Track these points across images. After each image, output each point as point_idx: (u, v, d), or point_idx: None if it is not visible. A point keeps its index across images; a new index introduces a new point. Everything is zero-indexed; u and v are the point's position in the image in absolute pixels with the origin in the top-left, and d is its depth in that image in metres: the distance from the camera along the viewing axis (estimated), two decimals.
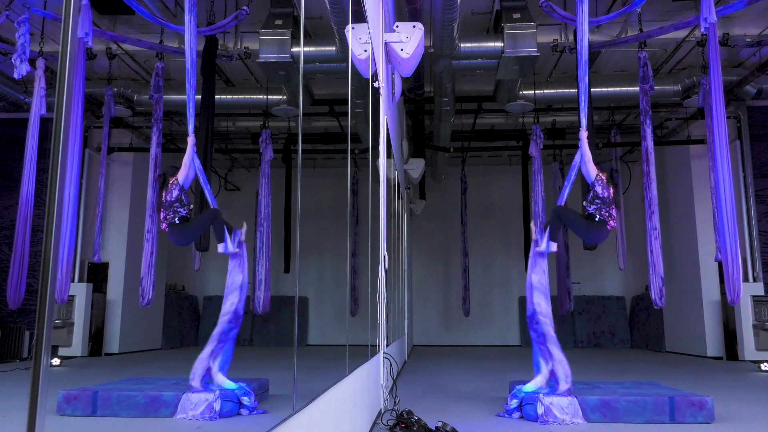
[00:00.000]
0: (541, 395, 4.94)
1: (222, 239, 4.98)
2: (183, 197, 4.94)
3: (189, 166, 5.04)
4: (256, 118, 11.39)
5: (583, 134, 5.54)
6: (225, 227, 5.01)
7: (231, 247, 4.97)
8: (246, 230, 5.13)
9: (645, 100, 8.30)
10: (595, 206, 5.34)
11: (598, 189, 5.31)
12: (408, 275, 13.10)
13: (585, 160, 5.46)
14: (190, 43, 5.52)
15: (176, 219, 4.89)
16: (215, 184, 13.81)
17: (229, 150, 12.77)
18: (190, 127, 5.21)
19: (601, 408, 4.77)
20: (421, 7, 6.58)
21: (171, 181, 4.94)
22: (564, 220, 5.50)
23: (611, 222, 5.30)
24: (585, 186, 5.72)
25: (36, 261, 6.75)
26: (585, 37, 5.68)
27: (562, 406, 4.83)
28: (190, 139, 5.15)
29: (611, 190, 5.32)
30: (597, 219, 5.29)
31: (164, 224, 4.96)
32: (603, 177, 5.34)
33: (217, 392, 4.37)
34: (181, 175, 4.99)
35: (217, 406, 4.24)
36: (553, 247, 5.44)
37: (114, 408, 4.06)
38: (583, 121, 5.59)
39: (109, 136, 9.08)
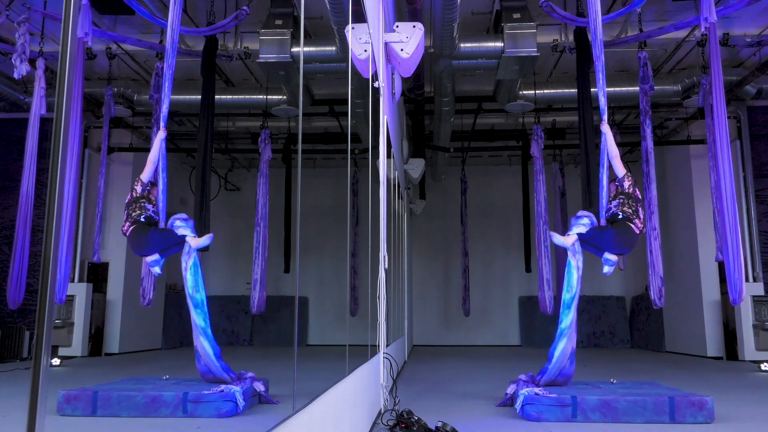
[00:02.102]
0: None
1: (163, 256, 4.65)
2: (151, 195, 4.66)
3: (154, 162, 4.68)
4: (255, 118, 11.40)
5: (606, 128, 5.32)
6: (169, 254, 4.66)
7: (157, 269, 4.66)
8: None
9: (645, 100, 8.30)
10: (618, 201, 5.12)
11: (626, 184, 5.21)
12: (408, 275, 13.09)
13: (612, 155, 5.31)
14: (173, 24, 5.02)
15: (142, 217, 4.56)
16: (215, 184, 13.81)
17: (229, 150, 12.78)
18: (163, 113, 4.58)
19: (601, 408, 4.77)
20: (421, 7, 6.58)
21: (135, 183, 4.67)
22: (590, 240, 5.15)
23: (637, 222, 4.99)
24: (586, 196, 5.63)
25: (36, 261, 6.75)
26: (597, 17, 5.53)
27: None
28: (161, 133, 4.64)
29: (638, 192, 5.17)
30: (620, 217, 5.05)
31: (127, 224, 4.55)
32: (631, 178, 5.26)
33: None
34: (144, 174, 4.67)
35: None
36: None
37: (114, 408, 4.05)
38: (604, 108, 5.33)
39: (109, 136, 9.07)
